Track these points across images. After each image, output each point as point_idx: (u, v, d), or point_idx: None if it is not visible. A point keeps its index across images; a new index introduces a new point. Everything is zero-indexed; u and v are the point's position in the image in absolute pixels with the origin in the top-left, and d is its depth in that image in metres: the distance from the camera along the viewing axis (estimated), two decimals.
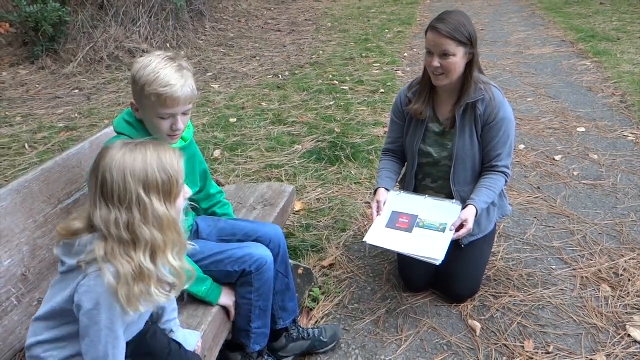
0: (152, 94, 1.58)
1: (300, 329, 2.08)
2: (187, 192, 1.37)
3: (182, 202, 1.36)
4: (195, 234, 1.97)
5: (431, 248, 2.03)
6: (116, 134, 1.75)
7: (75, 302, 1.27)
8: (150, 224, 1.26)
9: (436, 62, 2.04)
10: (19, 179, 1.78)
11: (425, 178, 2.35)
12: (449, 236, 2.05)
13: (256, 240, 1.92)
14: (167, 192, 1.29)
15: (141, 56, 1.65)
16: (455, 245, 2.19)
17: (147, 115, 1.66)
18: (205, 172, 2.03)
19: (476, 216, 2.09)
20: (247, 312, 1.87)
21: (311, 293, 2.41)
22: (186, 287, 1.74)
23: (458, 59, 2.03)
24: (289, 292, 2.01)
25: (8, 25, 6.04)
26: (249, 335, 1.88)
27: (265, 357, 2.00)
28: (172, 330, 1.62)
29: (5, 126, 4.41)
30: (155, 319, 1.58)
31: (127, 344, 1.36)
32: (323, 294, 2.43)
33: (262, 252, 1.85)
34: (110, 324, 1.26)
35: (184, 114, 1.68)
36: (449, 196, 2.25)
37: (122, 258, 1.24)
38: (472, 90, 2.10)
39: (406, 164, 2.43)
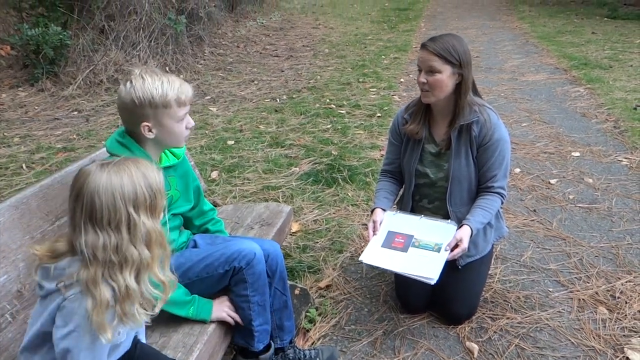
0: (173, 100, 1.65)
1: (297, 350, 2.06)
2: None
3: (164, 214, 1.38)
4: None
5: (426, 268, 2.03)
6: (109, 155, 1.76)
7: (55, 324, 1.27)
8: (139, 242, 1.27)
9: (422, 78, 2.09)
10: (17, 194, 1.78)
11: (422, 199, 2.36)
12: (443, 256, 2.05)
13: None
14: (154, 207, 1.30)
15: (125, 83, 1.66)
16: (452, 266, 2.20)
17: (168, 126, 1.69)
18: (199, 189, 2.04)
19: (471, 236, 2.09)
20: (246, 310, 1.85)
21: (308, 314, 2.39)
22: (172, 311, 1.74)
23: (444, 76, 2.07)
24: (287, 310, 2.00)
25: (9, 47, 6.11)
26: (252, 334, 1.87)
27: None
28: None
29: (3, 147, 4.42)
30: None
31: None
32: (320, 314, 2.42)
33: (248, 246, 1.84)
34: (91, 344, 1.25)
35: None
36: (446, 216, 2.26)
37: (103, 284, 1.24)
38: (467, 111, 2.13)
39: (404, 184, 2.44)
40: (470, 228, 2.08)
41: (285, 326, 2.01)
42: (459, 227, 2.13)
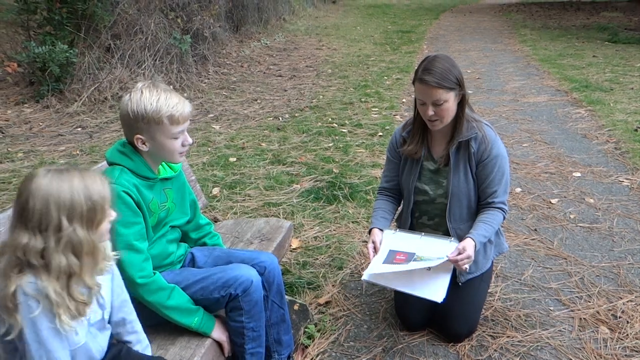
0: (165, 118, 1.66)
1: None
2: (112, 215, 1.39)
3: (106, 226, 1.37)
4: (191, 263, 1.97)
5: (431, 288, 2.01)
6: (109, 165, 1.77)
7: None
8: (67, 251, 1.27)
9: (430, 111, 2.08)
10: None
11: (421, 216, 2.36)
12: (447, 274, 2.04)
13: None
14: (91, 218, 1.30)
15: (126, 95, 1.69)
16: (452, 283, 2.18)
17: (160, 142, 1.71)
18: (195, 203, 2.05)
19: (475, 249, 2.08)
20: (240, 335, 1.85)
21: (306, 330, 2.38)
22: (175, 317, 1.74)
23: (450, 103, 2.08)
24: (284, 324, 1.99)
25: (16, 65, 6.20)
26: (243, 357, 1.85)
27: None
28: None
29: (7, 161, 4.45)
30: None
31: None
32: (319, 331, 2.40)
33: (246, 273, 1.83)
34: (37, 337, 1.27)
35: None
36: (446, 233, 2.25)
37: (14, 281, 1.25)
38: (465, 128, 2.14)
39: (402, 202, 2.44)
40: (474, 240, 2.07)
41: (283, 340, 1.99)
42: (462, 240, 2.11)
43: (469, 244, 2.05)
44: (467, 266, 2.04)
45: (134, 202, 1.68)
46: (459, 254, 2.02)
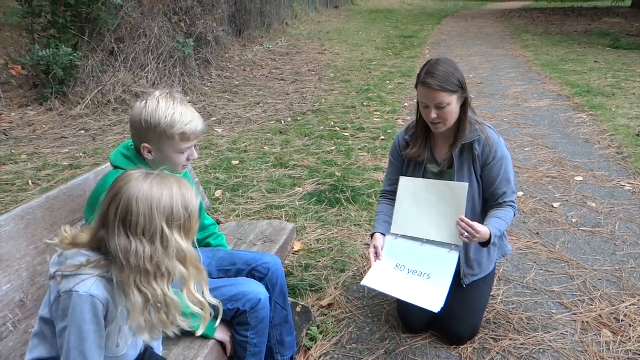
0: (177, 134, 1.64)
1: None
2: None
3: (194, 237, 1.38)
4: None
5: (429, 297, 2.02)
6: (113, 168, 1.78)
7: (53, 315, 1.29)
8: (173, 258, 1.28)
9: (433, 114, 2.09)
10: (24, 205, 1.80)
11: None
12: (447, 286, 2.04)
13: (255, 270, 1.92)
14: (188, 228, 1.31)
15: (141, 101, 1.67)
16: (456, 285, 2.19)
17: (166, 154, 1.69)
18: (200, 204, 2.05)
19: (490, 241, 2.06)
20: (242, 349, 1.85)
21: (309, 332, 2.38)
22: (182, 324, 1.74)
23: (453, 106, 2.09)
24: (287, 325, 1.99)
25: (20, 67, 6.22)
26: None
27: None
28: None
29: (11, 163, 4.47)
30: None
31: None
32: (321, 333, 2.40)
33: (255, 289, 1.83)
34: (80, 345, 1.25)
35: None
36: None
37: (136, 288, 1.25)
38: (468, 130, 2.15)
39: None
40: (490, 231, 2.04)
41: (286, 342, 2.00)
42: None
43: (482, 228, 2.02)
44: (465, 237, 2.02)
45: None
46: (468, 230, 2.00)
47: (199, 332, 1.43)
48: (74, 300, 1.23)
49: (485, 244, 2.10)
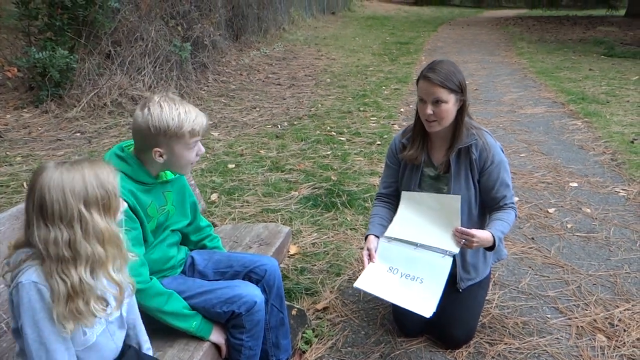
0: (187, 132, 1.68)
1: None
2: (123, 205, 1.40)
3: (120, 216, 1.38)
4: (191, 267, 1.97)
5: (421, 301, 2.02)
6: None
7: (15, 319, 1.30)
8: (92, 239, 1.28)
9: (429, 110, 2.10)
10: (19, 205, 1.79)
11: None
12: (439, 291, 2.04)
13: (252, 272, 1.92)
14: (107, 206, 1.31)
15: (142, 108, 1.70)
16: (451, 289, 2.20)
17: (178, 153, 1.72)
18: (195, 205, 2.05)
19: (494, 245, 2.08)
20: (237, 352, 1.85)
21: (304, 335, 2.37)
22: (174, 322, 1.74)
23: (450, 105, 2.10)
24: (283, 328, 1.99)
25: (16, 69, 6.21)
26: None
27: None
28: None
29: (5, 165, 4.45)
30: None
31: None
32: (316, 336, 2.40)
33: (251, 292, 1.83)
34: (38, 337, 1.26)
35: None
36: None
37: (58, 277, 1.25)
38: (464, 135, 2.16)
39: None
40: (492, 234, 2.07)
41: (282, 344, 1.99)
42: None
43: (482, 232, 2.05)
44: (462, 242, 2.06)
45: (130, 208, 1.69)
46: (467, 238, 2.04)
47: (114, 315, 1.43)
48: (20, 292, 1.25)
49: (492, 247, 2.12)
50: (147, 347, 1.65)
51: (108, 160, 1.76)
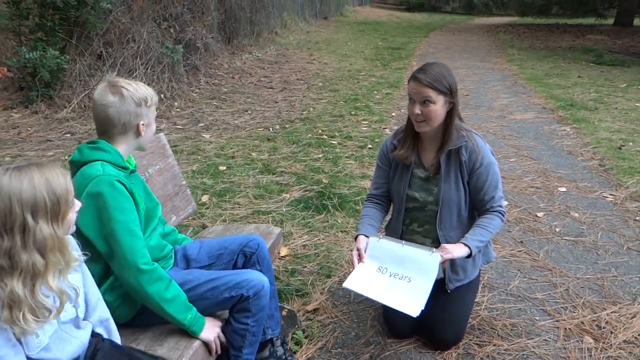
0: (155, 101, 1.83)
1: (286, 353, 2.09)
2: (77, 204, 1.37)
3: (73, 216, 1.36)
4: (184, 259, 1.98)
5: (409, 301, 2.03)
6: (80, 167, 1.73)
7: None
8: (32, 249, 1.25)
9: (417, 110, 2.12)
10: None
11: (412, 222, 2.38)
12: (427, 288, 2.05)
13: (246, 246, 2.01)
14: (56, 212, 1.28)
15: (113, 92, 1.75)
16: (440, 290, 2.21)
17: (152, 124, 1.86)
18: (158, 208, 2.06)
19: (471, 254, 2.12)
20: (240, 337, 1.86)
21: (294, 336, 2.38)
22: (169, 309, 1.73)
23: (438, 106, 2.12)
24: (274, 300, 2.06)
25: (6, 69, 6.16)
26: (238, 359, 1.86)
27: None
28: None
29: None
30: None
31: None
32: (306, 337, 2.40)
33: (258, 277, 1.87)
34: None
35: None
36: (436, 240, 2.27)
37: None
38: (454, 137, 2.19)
39: (392, 209, 2.47)
40: (467, 246, 2.11)
41: (275, 316, 2.07)
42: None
43: (457, 247, 2.10)
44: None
45: (126, 189, 1.69)
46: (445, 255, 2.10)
47: (69, 316, 1.42)
48: None
49: (469, 255, 2.15)
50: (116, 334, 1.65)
51: (87, 156, 1.72)
